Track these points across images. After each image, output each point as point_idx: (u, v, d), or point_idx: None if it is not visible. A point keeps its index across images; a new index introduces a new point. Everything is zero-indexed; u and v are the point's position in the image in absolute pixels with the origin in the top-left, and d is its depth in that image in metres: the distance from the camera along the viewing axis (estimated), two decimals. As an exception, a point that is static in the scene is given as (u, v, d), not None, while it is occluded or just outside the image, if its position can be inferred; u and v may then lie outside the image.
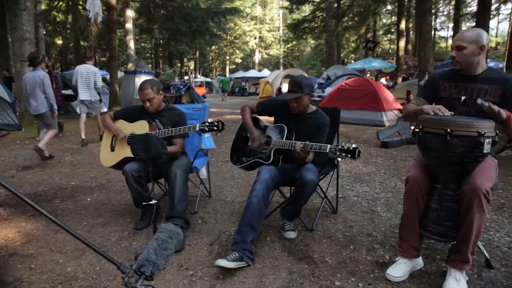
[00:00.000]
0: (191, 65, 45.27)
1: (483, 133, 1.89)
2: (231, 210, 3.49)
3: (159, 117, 3.25)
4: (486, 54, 2.25)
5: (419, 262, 2.35)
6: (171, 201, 2.88)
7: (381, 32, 36.18)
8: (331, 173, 3.23)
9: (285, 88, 20.25)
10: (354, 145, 2.30)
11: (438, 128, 1.95)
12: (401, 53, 18.13)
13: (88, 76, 7.04)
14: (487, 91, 2.22)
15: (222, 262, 2.25)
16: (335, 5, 22.82)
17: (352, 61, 31.65)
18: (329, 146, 2.38)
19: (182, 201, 2.86)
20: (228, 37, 45.95)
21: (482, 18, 11.42)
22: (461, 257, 2.11)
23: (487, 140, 1.91)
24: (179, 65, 37.75)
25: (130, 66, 17.84)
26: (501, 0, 25.33)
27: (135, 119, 3.22)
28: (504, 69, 10.69)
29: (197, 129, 2.95)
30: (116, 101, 13.71)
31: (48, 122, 5.89)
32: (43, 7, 19.03)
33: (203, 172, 3.90)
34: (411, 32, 28.44)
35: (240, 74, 35.61)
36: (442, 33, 43.18)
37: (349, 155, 2.29)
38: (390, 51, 38.24)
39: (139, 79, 13.86)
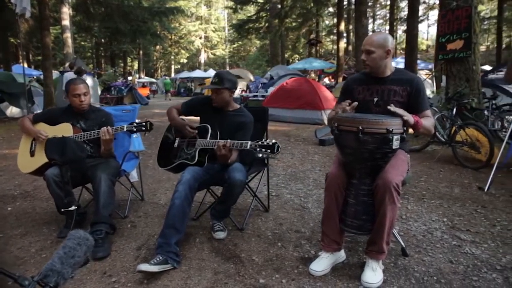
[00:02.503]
0: (135, 65, 43.93)
1: (391, 129, 2.00)
2: (163, 213, 3.41)
3: (84, 119, 3.11)
4: (391, 57, 2.40)
5: (341, 255, 2.44)
6: (96, 206, 2.77)
7: (324, 33, 37.32)
8: (262, 171, 3.27)
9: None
10: (273, 141, 2.35)
11: (351, 126, 2.04)
12: (341, 53, 18.80)
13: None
14: (396, 91, 2.36)
15: (144, 267, 2.20)
16: (279, 6, 23.22)
17: (297, 61, 32.32)
18: (249, 142, 2.41)
19: (107, 205, 2.76)
20: (173, 37, 45.14)
21: (412, 22, 12.17)
22: (376, 248, 2.22)
23: (395, 137, 2.03)
24: (122, 65, 36.49)
25: (67, 65, 16.93)
26: (428, 7, 27.14)
27: (57, 121, 3.05)
28: (433, 68, 11.41)
29: (125, 130, 2.87)
30: (52, 103, 12.93)
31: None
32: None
33: (134, 175, 3.79)
34: (351, 34, 29.62)
35: (185, 74, 35.09)
36: (380, 35, 45.31)
37: (269, 150, 2.33)
38: (332, 51, 39.50)
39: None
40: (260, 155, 2.36)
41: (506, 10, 25.49)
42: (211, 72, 31.97)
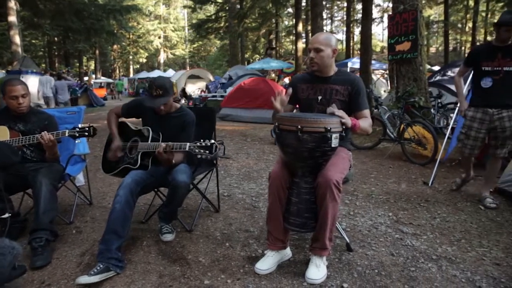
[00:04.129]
0: (91, 65, 42.44)
1: (329, 128, 2.05)
2: (111, 217, 3.33)
3: (23, 122, 2.96)
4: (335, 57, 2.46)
5: (287, 252, 2.48)
6: (36, 212, 2.63)
7: (283, 34, 37.69)
8: (211, 172, 3.26)
9: (189, 88, 20.06)
10: (212, 141, 2.35)
11: (291, 125, 2.07)
12: (300, 53, 19.06)
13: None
14: (338, 91, 2.43)
15: (84, 279, 2.13)
16: (238, 6, 23.23)
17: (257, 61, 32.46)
18: (188, 144, 2.40)
19: (48, 211, 2.64)
20: (131, 36, 44.00)
21: (366, 23, 12.51)
22: (319, 244, 2.26)
23: (334, 135, 2.08)
24: (77, 64, 35.14)
25: (15, 64, 16.06)
26: (382, 9, 28.19)
27: None
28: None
29: (66, 135, 2.76)
30: (-4, 104, 12.21)
31: None
32: None
33: (81, 179, 3.66)
34: (310, 34, 30.12)
35: (144, 74, 34.27)
36: (339, 36, 46.45)
37: (207, 151, 2.33)
38: (292, 51, 40.01)
39: (25, 80, 12.49)
40: (199, 156, 2.35)
41: (452, 15, 26.96)
42: (171, 72, 31.46)
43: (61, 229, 3.00)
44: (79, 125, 2.80)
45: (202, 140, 2.37)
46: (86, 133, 2.76)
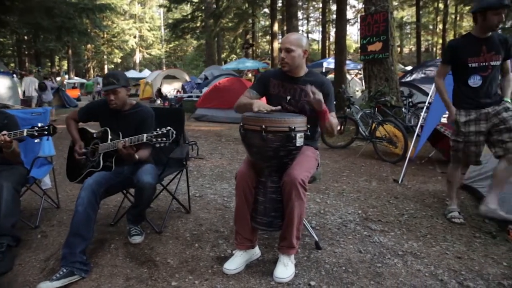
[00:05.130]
0: (64, 64, 41.39)
1: (293, 127, 2.06)
2: (79, 220, 3.25)
3: None
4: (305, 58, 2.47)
5: (256, 252, 2.48)
6: None
7: (260, 34, 37.79)
8: (181, 173, 3.23)
9: (165, 88, 19.83)
10: (168, 128, 2.35)
11: (255, 125, 2.08)
12: (275, 53, 19.15)
13: None
14: (307, 92, 2.44)
15: (45, 285, 2.07)
16: (214, 6, 23.14)
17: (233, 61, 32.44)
18: (145, 135, 2.39)
19: (9, 216, 2.54)
20: (105, 35, 43.16)
21: (340, 24, 12.69)
22: (287, 243, 2.28)
23: (298, 134, 2.10)
24: (49, 64, 34.19)
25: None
26: (357, 10, 28.68)
27: None
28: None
29: (24, 134, 2.67)
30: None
31: None
32: None
33: (47, 182, 3.57)
34: (285, 34, 30.25)
35: (119, 74, 33.69)
36: (314, 36, 46.95)
37: (165, 139, 2.34)
38: (269, 51, 40.15)
39: (-7, 80, 12.21)
40: (158, 145, 2.35)
41: (423, 17, 27.69)
42: (146, 72, 31.06)
43: (25, 234, 2.92)
44: (39, 124, 2.71)
45: (158, 129, 2.35)
46: (46, 132, 2.66)
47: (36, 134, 2.61)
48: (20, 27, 19.16)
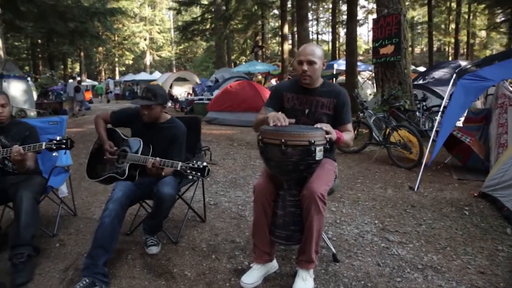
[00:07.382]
0: (76, 67, 41.84)
1: (313, 141, 2.03)
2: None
3: (3, 133, 2.88)
4: None
5: (274, 265, 2.45)
6: (16, 227, 2.56)
7: (270, 35, 37.73)
8: (197, 181, 3.21)
9: (175, 91, 19.91)
10: (204, 163, 2.34)
11: (275, 138, 2.05)
12: (286, 55, 19.10)
13: None
14: (324, 103, 2.42)
15: None
16: (224, 7, 23.15)
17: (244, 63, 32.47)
18: (180, 164, 2.38)
19: (29, 226, 2.57)
20: (116, 38, 43.53)
21: (351, 25, 12.64)
22: (306, 257, 2.24)
23: (318, 148, 2.06)
24: (62, 67, 34.57)
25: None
26: (368, 11, 28.45)
27: None
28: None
29: (43, 147, 2.69)
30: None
31: None
32: None
33: (64, 190, 3.58)
34: (296, 36, 30.19)
35: (130, 77, 33.97)
36: (324, 38, 46.67)
37: (199, 173, 2.32)
38: (279, 53, 40.09)
39: (8, 84, 12.31)
40: (191, 177, 2.35)
41: (435, 16, 27.34)
42: (157, 75, 31.28)
43: (44, 242, 2.94)
44: (57, 137, 2.73)
45: (194, 162, 2.35)
46: (63, 146, 2.70)
47: (54, 147, 2.63)
48: (35, 31, 19.42)
